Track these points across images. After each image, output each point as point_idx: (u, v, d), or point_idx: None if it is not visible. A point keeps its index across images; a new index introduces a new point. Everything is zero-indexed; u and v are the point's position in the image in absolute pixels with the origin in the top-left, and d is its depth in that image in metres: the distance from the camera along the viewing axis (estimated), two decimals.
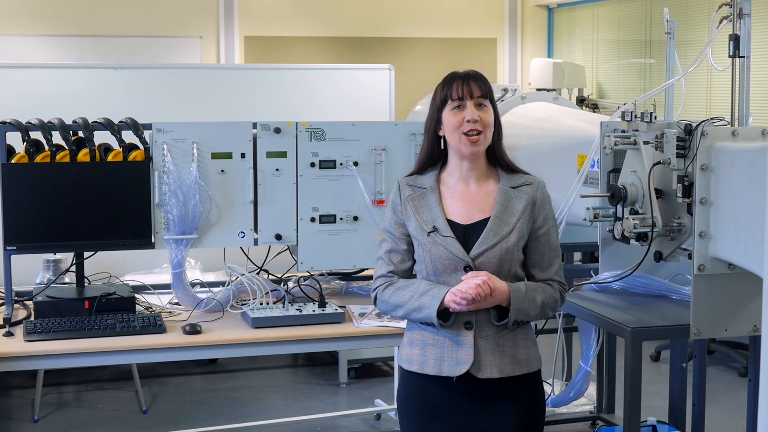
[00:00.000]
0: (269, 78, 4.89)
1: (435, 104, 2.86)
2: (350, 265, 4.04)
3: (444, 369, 2.79)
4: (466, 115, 2.78)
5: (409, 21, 9.01)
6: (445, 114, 2.82)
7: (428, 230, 2.80)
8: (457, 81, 2.81)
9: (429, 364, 2.81)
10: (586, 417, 5.06)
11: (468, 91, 2.79)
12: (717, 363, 6.27)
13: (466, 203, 2.84)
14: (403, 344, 2.92)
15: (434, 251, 2.78)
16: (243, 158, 3.86)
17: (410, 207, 2.85)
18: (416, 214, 2.83)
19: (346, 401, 5.65)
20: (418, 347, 2.84)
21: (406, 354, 2.88)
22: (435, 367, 2.80)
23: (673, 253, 3.32)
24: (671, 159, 3.16)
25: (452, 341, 2.78)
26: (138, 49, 8.13)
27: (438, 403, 2.82)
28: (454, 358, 2.78)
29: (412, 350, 2.86)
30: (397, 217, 2.88)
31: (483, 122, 2.79)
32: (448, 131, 2.82)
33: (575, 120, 4.32)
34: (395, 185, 2.93)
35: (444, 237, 2.78)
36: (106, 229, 3.75)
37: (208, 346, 3.58)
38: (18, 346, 3.42)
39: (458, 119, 2.79)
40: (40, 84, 4.55)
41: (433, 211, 2.82)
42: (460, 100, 2.79)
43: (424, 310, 2.76)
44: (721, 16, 3.33)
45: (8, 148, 3.67)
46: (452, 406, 2.81)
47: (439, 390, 2.82)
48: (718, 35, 3.36)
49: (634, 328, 3.27)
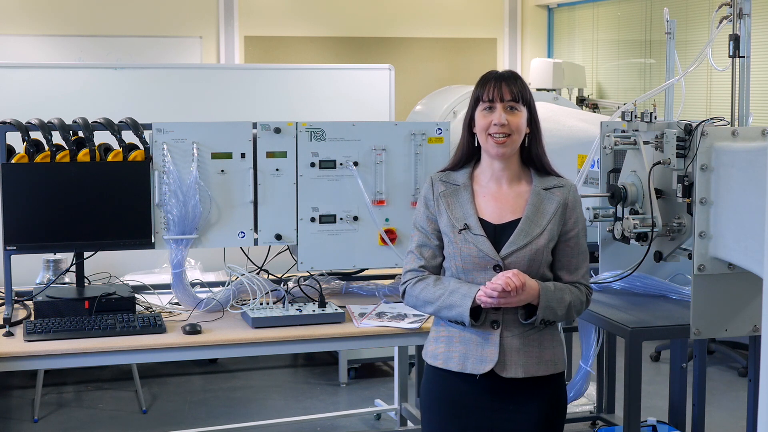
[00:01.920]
0: (269, 78, 4.89)
1: (470, 102, 2.89)
2: (350, 265, 4.04)
3: (468, 366, 2.81)
4: (494, 119, 2.80)
5: (409, 21, 9.01)
6: (476, 114, 2.86)
7: (460, 227, 2.81)
8: (490, 82, 2.83)
9: (453, 360, 2.82)
10: (586, 417, 5.06)
11: (499, 94, 2.81)
12: (717, 363, 6.27)
13: (498, 203, 2.85)
14: (429, 340, 2.94)
15: (465, 249, 2.80)
16: (243, 158, 3.86)
17: (443, 203, 2.86)
18: (448, 210, 2.84)
19: (346, 401, 5.65)
20: (443, 343, 2.86)
21: (432, 349, 2.90)
22: (459, 364, 2.82)
23: (673, 253, 3.32)
24: (671, 159, 3.16)
25: (478, 339, 2.80)
26: (138, 49, 8.12)
27: (459, 400, 2.84)
28: (479, 356, 2.80)
29: (437, 346, 2.88)
30: (429, 212, 2.88)
31: (511, 126, 2.80)
32: (478, 131, 2.86)
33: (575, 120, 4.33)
34: (428, 180, 2.93)
35: (475, 235, 2.80)
36: (106, 229, 3.75)
37: (208, 346, 3.58)
38: (18, 346, 3.42)
39: (487, 121, 2.82)
40: (40, 84, 4.54)
41: (465, 208, 2.83)
42: (490, 102, 2.82)
43: (456, 309, 2.76)
44: (721, 16, 3.33)
45: (8, 148, 3.67)
46: (474, 403, 2.83)
47: (462, 387, 2.83)
48: (718, 35, 3.36)
49: (634, 328, 3.27)
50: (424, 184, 2.96)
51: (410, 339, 3.76)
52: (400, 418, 5.13)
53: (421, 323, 3.66)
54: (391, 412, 5.27)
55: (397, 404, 5.15)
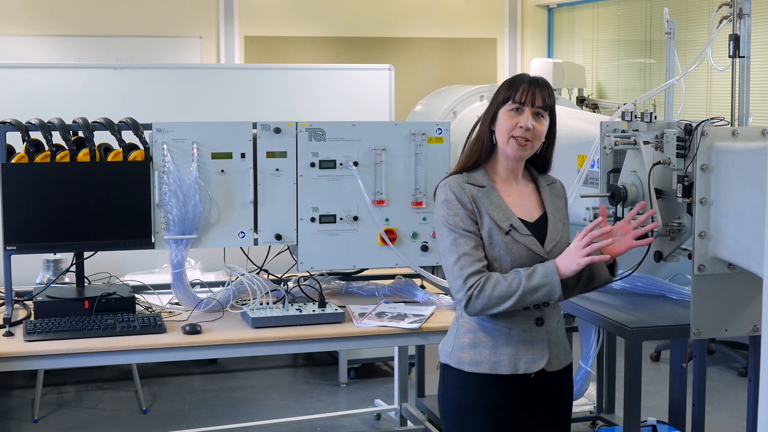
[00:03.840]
0: (269, 78, 4.89)
1: (496, 100, 2.86)
2: (350, 265, 4.04)
3: (521, 367, 2.81)
4: (521, 122, 2.81)
5: (409, 21, 9.01)
6: (502, 112, 2.84)
7: (506, 229, 2.79)
8: (524, 84, 2.83)
9: (503, 364, 2.80)
10: (586, 417, 5.06)
11: (531, 99, 2.82)
12: (717, 363, 6.27)
13: (523, 200, 2.88)
14: (462, 347, 2.85)
15: (515, 250, 2.79)
16: (243, 158, 3.86)
17: (481, 205, 2.81)
18: (489, 213, 2.80)
19: (346, 401, 5.65)
20: (487, 349, 2.81)
21: (471, 357, 2.82)
22: (510, 367, 2.80)
23: (673, 253, 3.32)
24: (671, 159, 3.15)
25: (526, 338, 2.81)
26: (138, 49, 8.13)
27: (507, 403, 2.82)
28: (530, 356, 2.81)
29: (478, 353, 2.82)
30: (469, 212, 2.80)
31: (535, 132, 2.83)
32: (500, 130, 2.84)
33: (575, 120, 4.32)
34: (450, 183, 2.84)
35: (523, 235, 2.81)
36: (106, 229, 3.75)
37: (208, 346, 3.58)
38: (18, 346, 3.42)
39: (513, 122, 2.82)
40: (40, 84, 4.54)
41: (503, 209, 2.82)
42: (520, 104, 2.82)
43: (543, 289, 2.71)
44: (721, 16, 3.33)
45: (8, 148, 3.67)
46: (522, 403, 2.84)
47: (509, 388, 2.82)
48: (718, 35, 3.35)
49: (634, 328, 3.27)
50: (441, 189, 2.86)
51: (410, 339, 3.76)
52: (400, 418, 5.13)
53: (421, 323, 3.66)
54: (391, 412, 5.27)
55: (397, 404, 5.15)
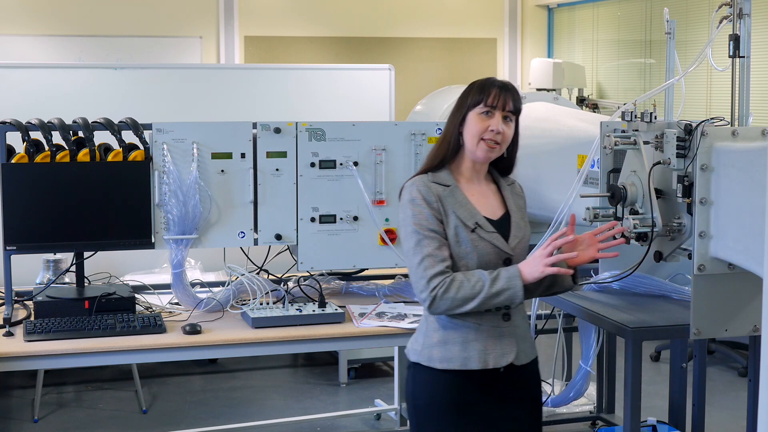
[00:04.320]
0: (269, 78, 4.89)
1: (465, 103, 2.89)
2: (350, 265, 4.04)
3: (490, 362, 2.84)
4: (492, 125, 2.85)
5: (409, 21, 9.01)
6: (471, 115, 2.87)
7: (472, 227, 2.83)
8: (495, 88, 2.87)
9: (473, 359, 2.83)
10: (586, 417, 5.06)
11: (502, 103, 2.86)
12: (717, 363, 6.27)
13: (486, 199, 2.92)
14: (432, 345, 2.87)
15: (481, 247, 2.83)
16: (243, 158, 3.86)
17: (446, 204, 2.84)
18: (454, 211, 2.84)
19: (346, 401, 5.65)
20: (457, 346, 2.84)
21: (440, 354, 2.85)
22: (480, 362, 2.83)
23: (673, 253, 3.31)
24: (671, 159, 3.15)
25: (494, 333, 2.85)
26: (138, 49, 8.12)
27: (479, 398, 2.86)
28: (499, 350, 2.85)
29: (447, 349, 2.85)
30: (435, 212, 2.83)
31: (504, 136, 2.87)
32: (469, 133, 2.87)
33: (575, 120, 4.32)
34: (416, 183, 2.87)
35: (489, 233, 2.85)
36: (106, 229, 3.75)
37: (208, 346, 3.58)
38: (18, 346, 3.42)
39: (483, 126, 2.85)
40: (40, 84, 4.55)
41: (468, 207, 2.86)
42: (492, 107, 2.85)
43: (505, 293, 2.76)
44: (721, 16, 3.33)
45: (8, 148, 3.67)
46: (491, 398, 2.87)
47: (478, 384, 2.85)
48: (718, 35, 3.35)
49: (634, 328, 3.27)
50: (407, 189, 2.88)
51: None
52: (400, 418, 5.13)
53: None
54: (391, 412, 5.27)
55: (397, 404, 5.15)
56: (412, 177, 2.92)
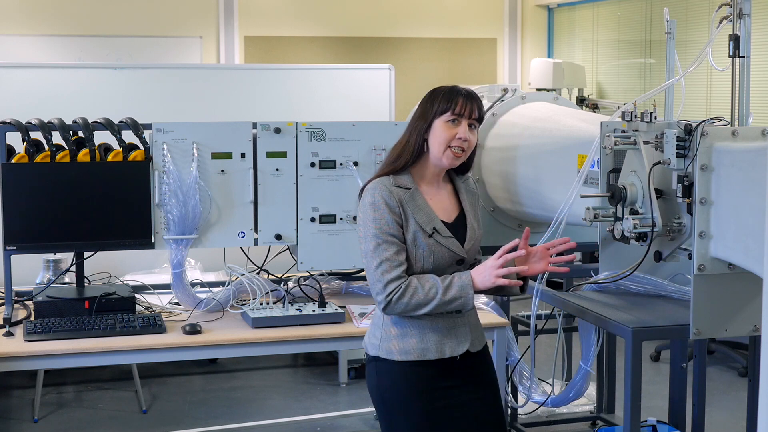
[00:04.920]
0: (269, 78, 4.89)
1: (431, 110, 2.94)
2: (350, 265, 4.04)
3: (447, 351, 2.93)
4: (459, 133, 2.91)
5: (409, 21, 9.01)
6: (438, 123, 2.92)
7: (429, 232, 2.89)
8: (462, 97, 2.93)
9: (430, 350, 2.91)
10: (586, 417, 5.06)
11: (469, 111, 2.93)
12: (717, 363, 6.27)
13: (442, 203, 2.99)
14: (390, 338, 2.93)
15: (437, 251, 2.91)
16: (243, 158, 3.86)
17: (407, 208, 2.88)
18: (414, 216, 2.88)
19: (346, 401, 5.64)
20: (414, 338, 2.91)
21: (399, 347, 2.92)
22: (438, 351, 2.92)
23: (673, 253, 3.31)
24: (671, 159, 3.15)
25: (448, 325, 2.94)
26: (138, 49, 8.13)
27: (437, 385, 2.94)
28: (455, 340, 2.95)
29: (406, 342, 2.92)
30: (396, 216, 2.87)
31: (470, 143, 2.95)
32: (435, 140, 2.92)
33: (575, 120, 4.32)
34: (377, 186, 2.89)
35: (445, 237, 2.92)
36: (106, 229, 3.76)
37: (208, 346, 3.58)
38: (18, 346, 3.42)
39: (451, 133, 2.91)
40: (40, 84, 4.55)
41: (427, 211, 2.91)
42: (459, 116, 2.91)
43: (458, 301, 2.85)
44: (721, 16, 3.33)
45: (8, 148, 3.67)
46: (450, 383, 2.95)
47: (436, 372, 2.93)
48: (718, 35, 3.35)
49: (634, 328, 3.27)
50: (369, 192, 2.89)
51: None
52: None
53: None
54: None
55: None
56: (373, 179, 2.94)
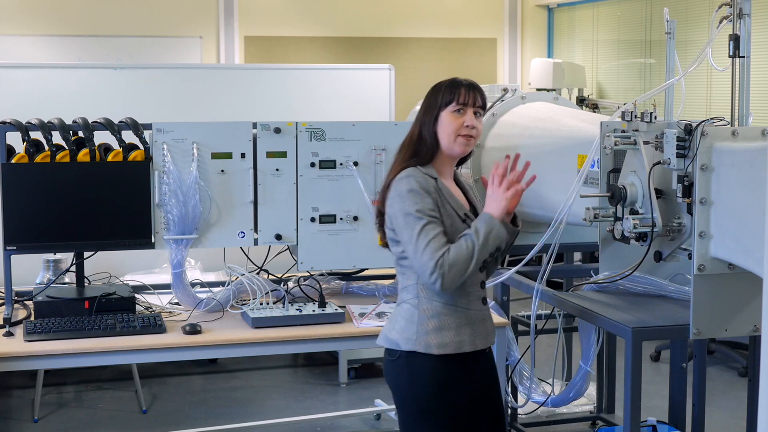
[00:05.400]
0: (269, 78, 4.89)
1: (436, 103, 3.04)
2: (350, 265, 4.04)
3: (478, 343, 3.03)
4: (466, 121, 3.02)
5: (409, 21, 9.01)
6: (444, 115, 3.02)
7: (462, 217, 3.01)
8: (464, 87, 3.04)
9: (466, 342, 3.00)
10: (586, 417, 5.06)
11: (472, 99, 3.03)
12: (717, 363, 6.27)
13: (458, 195, 3.09)
14: (427, 332, 2.97)
15: None
16: (243, 158, 3.86)
17: (443, 193, 3.00)
18: (448, 200, 3.00)
19: (346, 401, 5.65)
20: (451, 331, 2.98)
21: (438, 341, 2.97)
22: (471, 344, 3.01)
23: (673, 253, 3.31)
24: (671, 159, 3.15)
25: (479, 317, 3.04)
26: (138, 49, 8.12)
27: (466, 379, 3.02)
28: (483, 332, 3.05)
29: (444, 335, 2.98)
30: (434, 198, 2.96)
31: (477, 130, 3.05)
32: (445, 131, 3.01)
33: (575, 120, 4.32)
34: (411, 174, 2.96)
35: None
36: (106, 229, 3.76)
37: (208, 346, 3.58)
38: (18, 346, 3.42)
39: (458, 123, 3.01)
40: (40, 84, 4.54)
41: (455, 199, 3.04)
42: (463, 105, 3.01)
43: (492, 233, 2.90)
44: (721, 16, 3.33)
45: (8, 148, 3.67)
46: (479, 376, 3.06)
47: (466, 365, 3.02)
48: (718, 35, 3.35)
49: (634, 328, 3.27)
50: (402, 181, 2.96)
51: None
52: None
53: None
54: (391, 412, 5.27)
55: None
56: (397, 173, 3.00)
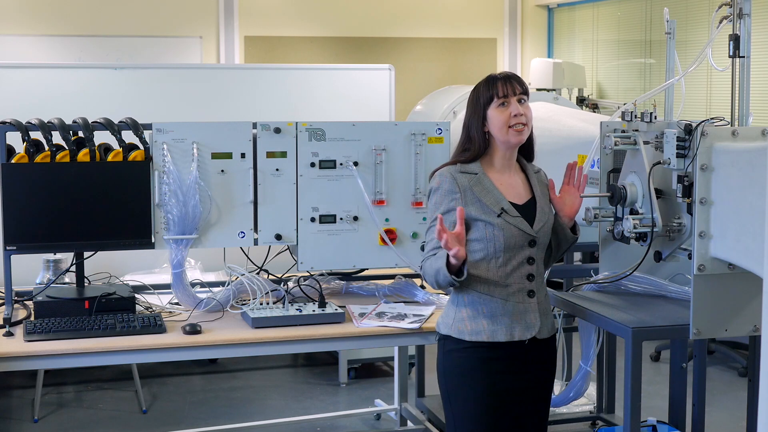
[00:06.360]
0: (269, 78, 4.89)
1: (479, 103, 3.15)
2: (350, 265, 4.04)
3: (516, 335, 3.12)
4: (512, 111, 3.11)
5: (409, 21, 9.01)
6: (491, 112, 3.14)
7: (497, 212, 3.08)
8: (500, 81, 3.14)
9: (500, 332, 3.10)
10: (586, 417, 5.06)
11: (512, 90, 3.13)
12: (717, 363, 6.27)
13: (514, 187, 3.17)
14: (462, 319, 3.11)
15: (507, 230, 3.10)
16: (243, 158, 3.86)
17: (472, 193, 3.09)
18: (480, 197, 3.08)
19: (346, 401, 5.65)
20: (486, 319, 3.09)
21: (471, 327, 3.09)
22: (507, 335, 3.10)
23: (673, 253, 3.31)
24: (671, 159, 3.15)
25: (520, 309, 3.12)
26: (138, 49, 8.12)
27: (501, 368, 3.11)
28: (524, 324, 3.12)
29: (478, 323, 3.09)
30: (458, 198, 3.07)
31: (526, 116, 3.14)
32: (496, 126, 3.13)
33: (575, 120, 4.32)
34: (443, 173, 3.12)
35: (514, 217, 3.12)
36: (106, 229, 3.75)
37: (208, 346, 3.58)
38: (18, 346, 3.42)
39: (505, 115, 3.12)
40: (40, 84, 4.54)
41: (494, 194, 3.12)
42: (505, 97, 3.11)
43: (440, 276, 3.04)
44: (721, 16, 3.33)
45: (8, 148, 3.67)
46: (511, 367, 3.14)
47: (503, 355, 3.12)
48: (718, 35, 3.35)
49: (634, 328, 3.27)
50: (435, 178, 3.14)
51: (410, 339, 3.76)
52: (400, 418, 5.13)
53: (421, 323, 3.66)
54: (391, 412, 5.27)
55: (397, 404, 5.15)
56: (443, 166, 3.17)
